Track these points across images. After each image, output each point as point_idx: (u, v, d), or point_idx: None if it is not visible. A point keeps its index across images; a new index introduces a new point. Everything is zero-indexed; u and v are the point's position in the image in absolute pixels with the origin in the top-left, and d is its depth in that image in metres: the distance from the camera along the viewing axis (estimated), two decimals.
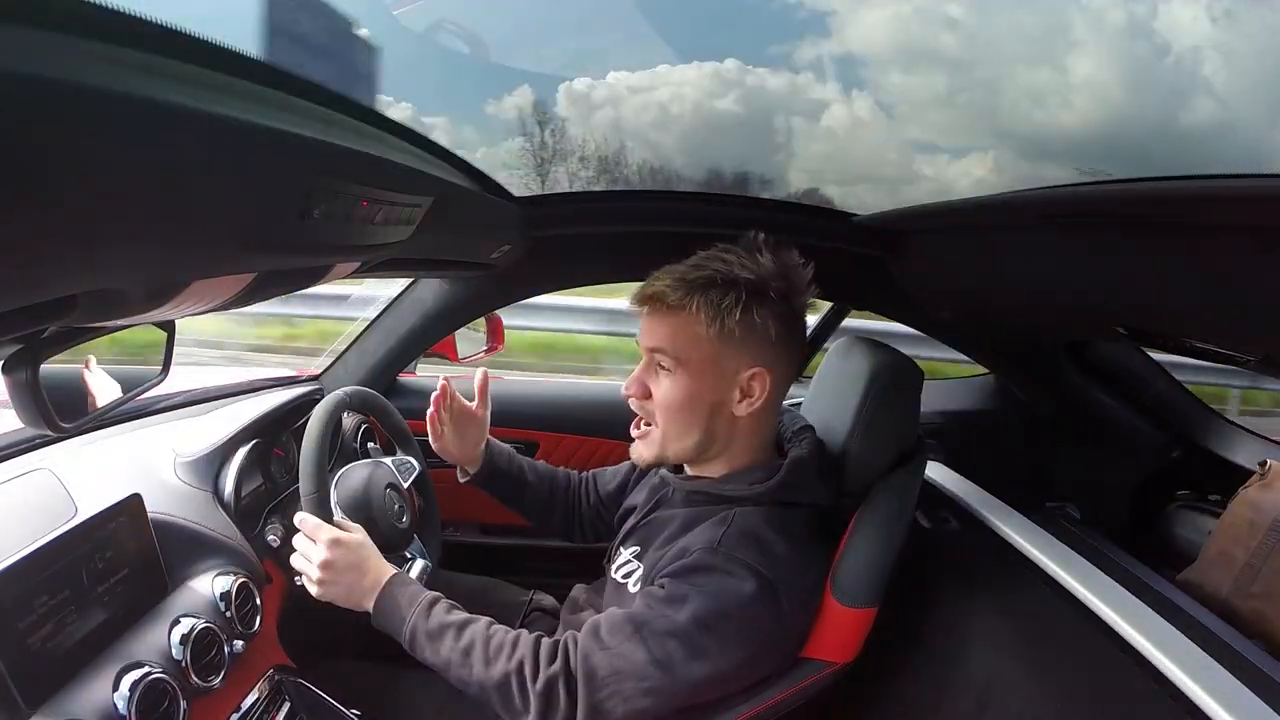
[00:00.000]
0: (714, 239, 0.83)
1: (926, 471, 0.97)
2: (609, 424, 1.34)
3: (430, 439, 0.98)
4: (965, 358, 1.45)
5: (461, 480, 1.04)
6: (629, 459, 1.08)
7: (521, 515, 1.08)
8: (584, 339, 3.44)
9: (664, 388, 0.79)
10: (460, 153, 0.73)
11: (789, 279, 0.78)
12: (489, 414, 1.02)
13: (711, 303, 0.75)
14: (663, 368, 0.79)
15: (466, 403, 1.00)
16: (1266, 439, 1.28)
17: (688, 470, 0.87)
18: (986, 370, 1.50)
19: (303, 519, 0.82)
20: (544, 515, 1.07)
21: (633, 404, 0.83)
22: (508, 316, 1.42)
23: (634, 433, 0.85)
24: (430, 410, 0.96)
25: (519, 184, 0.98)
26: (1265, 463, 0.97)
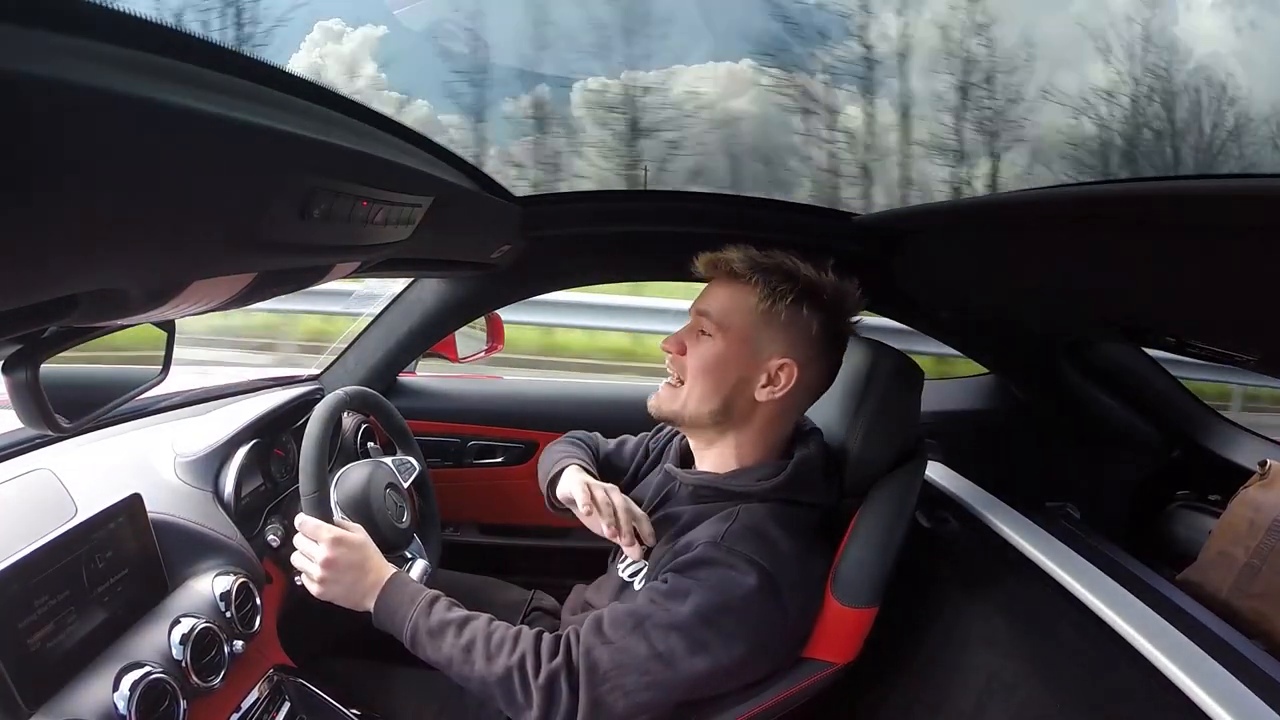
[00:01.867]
0: (714, 238, 0.84)
1: (926, 471, 0.97)
2: (610, 424, 1.33)
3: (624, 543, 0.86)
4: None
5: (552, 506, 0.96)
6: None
7: None
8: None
9: (701, 348, 0.82)
10: (466, 150, 0.74)
11: (843, 296, 0.82)
12: None
13: (770, 284, 0.80)
14: (704, 332, 0.83)
15: None
16: (1267, 439, 1.28)
17: (696, 465, 0.88)
18: (986, 370, 1.50)
19: (303, 521, 0.82)
20: None
21: (667, 361, 0.86)
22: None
23: (662, 386, 0.87)
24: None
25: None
26: (1265, 462, 0.97)
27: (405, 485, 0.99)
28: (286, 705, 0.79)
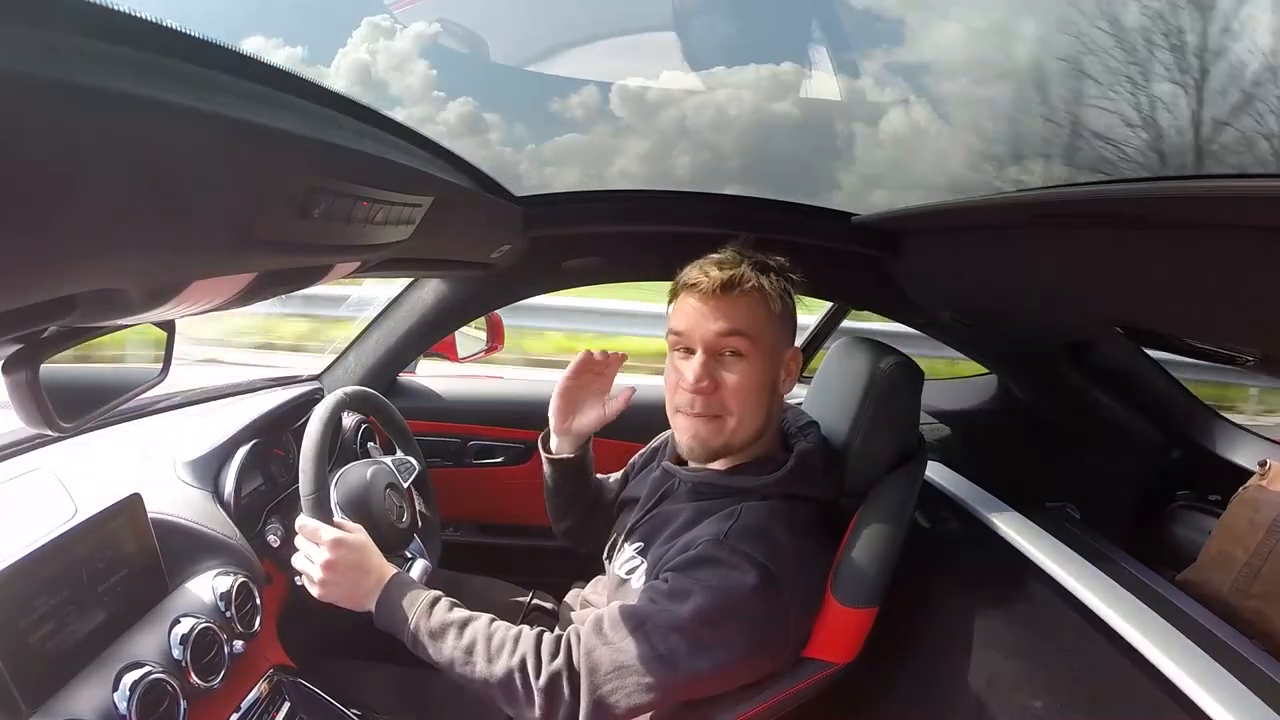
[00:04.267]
0: (715, 238, 0.83)
1: (926, 471, 0.97)
2: (611, 424, 1.34)
3: (565, 376, 0.95)
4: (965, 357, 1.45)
5: (542, 449, 1.00)
6: (628, 458, 1.08)
7: (551, 508, 1.04)
8: None
9: (739, 373, 0.78)
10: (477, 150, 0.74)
11: (787, 273, 0.82)
12: (609, 415, 0.98)
13: (773, 283, 0.79)
14: (734, 353, 0.78)
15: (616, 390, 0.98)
16: (1267, 439, 1.28)
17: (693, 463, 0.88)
18: (986, 370, 1.50)
19: (303, 524, 0.81)
20: (572, 521, 1.05)
21: (698, 402, 0.79)
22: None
23: (695, 422, 0.80)
24: (588, 355, 0.94)
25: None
26: (1265, 462, 0.97)
27: (405, 485, 0.99)
28: (286, 705, 0.79)
